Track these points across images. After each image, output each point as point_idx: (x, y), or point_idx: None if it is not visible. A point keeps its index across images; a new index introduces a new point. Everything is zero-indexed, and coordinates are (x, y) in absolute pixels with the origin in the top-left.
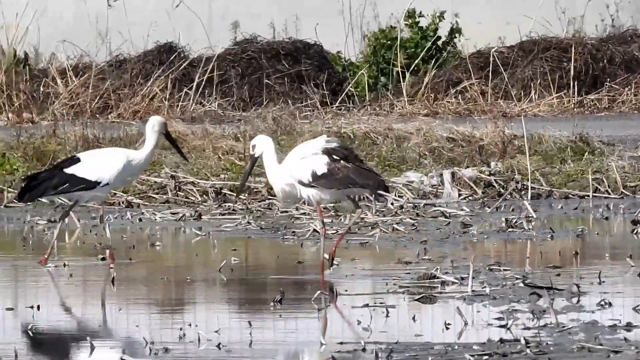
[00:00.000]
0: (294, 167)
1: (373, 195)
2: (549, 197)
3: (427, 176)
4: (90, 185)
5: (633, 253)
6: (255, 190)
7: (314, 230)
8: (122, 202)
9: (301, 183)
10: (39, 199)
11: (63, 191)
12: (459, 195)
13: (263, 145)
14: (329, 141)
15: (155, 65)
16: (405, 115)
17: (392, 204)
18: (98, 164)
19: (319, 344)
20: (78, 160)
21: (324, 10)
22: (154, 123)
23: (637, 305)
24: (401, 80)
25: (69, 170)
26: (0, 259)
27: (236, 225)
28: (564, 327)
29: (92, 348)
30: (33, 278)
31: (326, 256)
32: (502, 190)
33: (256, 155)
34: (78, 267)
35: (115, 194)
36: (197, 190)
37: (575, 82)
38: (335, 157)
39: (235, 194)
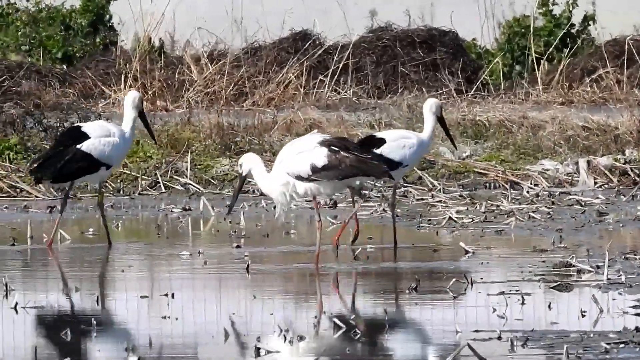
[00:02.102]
0: (290, 163)
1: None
2: None
3: (563, 164)
4: (393, 166)
5: None
6: None
7: (450, 218)
8: (257, 190)
9: (299, 178)
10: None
11: None
12: (595, 183)
13: (250, 163)
14: (323, 136)
15: (291, 52)
16: (540, 104)
17: (527, 192)
18: (400, 146)
19: (455, 331)
20: (383, 140)
21: None
22: (431, 104)
23: None
24: (536, 68)
25: (377, 150)
26: (135, 247)
27: (371, 213)
28: None
29: (227, 336)
30: (167, 266)
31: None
32: (638, 179)
33: (244, 174)
34: (213, 255)
35: (249, 181)
36: None
37: None
38: (334, 148)
39: (226, 214)
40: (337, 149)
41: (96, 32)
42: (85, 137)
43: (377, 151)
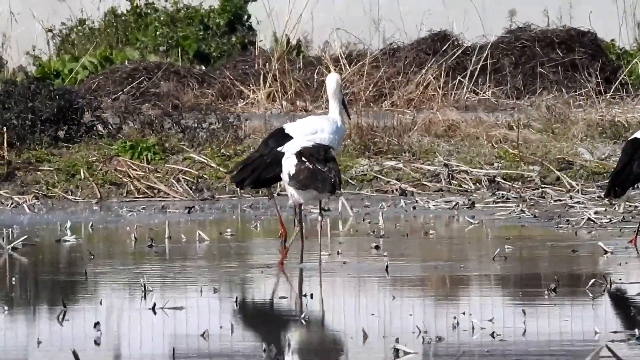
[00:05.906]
0: (283, 166)
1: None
2: None
3: None
4: None
5: None
6: (529, 178)
7: (589, 218)
8: (396, 190)
9: (285, 182)
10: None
11: None
12: None
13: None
14: (305, 143)
15: (429, 53)
16: None
17: None
18: None
19: (593, 332)
20: None
21: None
22: None
23: None
24: None
25: None
26: (273, 247)
27: (510, 213)
28: None
29: (365, 336)
30: (307, 265)
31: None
32: None
33: None
34: (351, 255)
35: (388, 181)
36: (471, 178)
37: None
38: (303, 158)
39: None
40: (305, 159)
41: (233, 32)
42: (288, 138)
43: None
